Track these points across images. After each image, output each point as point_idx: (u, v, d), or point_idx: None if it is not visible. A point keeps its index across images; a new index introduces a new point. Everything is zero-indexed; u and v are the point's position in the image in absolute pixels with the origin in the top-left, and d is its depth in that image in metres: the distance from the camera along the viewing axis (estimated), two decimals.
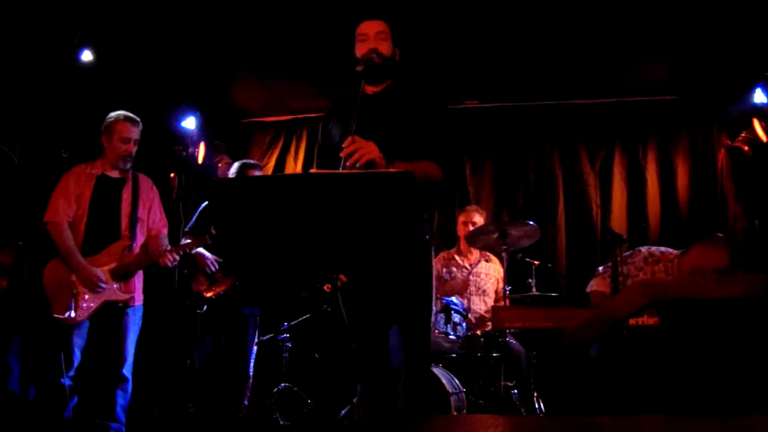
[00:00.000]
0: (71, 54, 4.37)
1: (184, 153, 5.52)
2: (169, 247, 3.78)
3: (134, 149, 3.74)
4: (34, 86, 4.45)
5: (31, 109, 4.43)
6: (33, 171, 4.22)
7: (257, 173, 4.22)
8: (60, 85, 4.53)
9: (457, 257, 4.80)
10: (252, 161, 4.38)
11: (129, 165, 3.77)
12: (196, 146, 5.60)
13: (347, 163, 2.34)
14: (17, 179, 4.24)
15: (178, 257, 3.77)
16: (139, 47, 4.65)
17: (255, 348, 4.33)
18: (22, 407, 3.76)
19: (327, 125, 2.80)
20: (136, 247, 3.74)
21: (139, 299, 3.75)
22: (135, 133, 3.74)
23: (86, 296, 3.54)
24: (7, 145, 4.28)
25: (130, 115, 3.76)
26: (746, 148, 5.05)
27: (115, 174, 3.77)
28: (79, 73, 4.46)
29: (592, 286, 3.53)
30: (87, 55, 4.42)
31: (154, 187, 3.93)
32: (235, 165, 4.27)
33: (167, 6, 4.23)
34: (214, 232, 3.78)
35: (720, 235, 3.52)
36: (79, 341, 3.57)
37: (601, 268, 3.63)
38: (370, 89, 2.67)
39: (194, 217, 4.26)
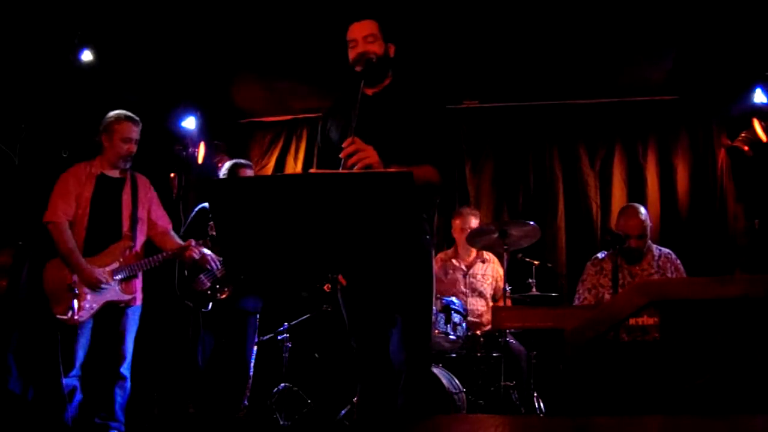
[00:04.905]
0: (71, 54, 4.37)
1: (184, 153, 5.51)
2: (193, 242, 3.79)
3: (135, 149, 3.77)
4: (34, 86, 4.45)
5: (31, 109, 4.42)
6: (33, 171, 4.22)
7: (249, 172, 4.21)
8: (60, 85, 4.53)
9: (453, 259, 4.79)
10: (244, 161, 4.33)
11: (129, 164, 3.80)
12: (196, 146, 5.59)
13: (348, 163, 2.35)
14: (17, 179, 4.24)
15: (204, 249, 3.80)
16: (139, 47, 4.65)
17: (255, 348, 4.33)
18: (22, 407, 3.75)
19: (325, 125, 2.79)
20: (137, 247, 3.75)
21: (139, 299, 3.77)
22: (136, 132, 3.77)
23: (88, 296, 3.54)
24: (7, 145, 4.27)
25: (131, 114, 3.78)
26: (746, 148, 5.05)
27: (114, 174, 3.79)
28: (79, 73, 4.46)
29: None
30: (87, 55, 4.42)
31: (152, 187, 3.96)
32: (227, 165, 4.25)
33: (167, 6, 4.23)
34: (213, 233, 3.79)
35: (635, 205, 4.12)
36: (83, 341, 3.59)
37: (576, 299, 4.03)
38: (369, 90, 2.66)
39: (189, 219, 4.24)
